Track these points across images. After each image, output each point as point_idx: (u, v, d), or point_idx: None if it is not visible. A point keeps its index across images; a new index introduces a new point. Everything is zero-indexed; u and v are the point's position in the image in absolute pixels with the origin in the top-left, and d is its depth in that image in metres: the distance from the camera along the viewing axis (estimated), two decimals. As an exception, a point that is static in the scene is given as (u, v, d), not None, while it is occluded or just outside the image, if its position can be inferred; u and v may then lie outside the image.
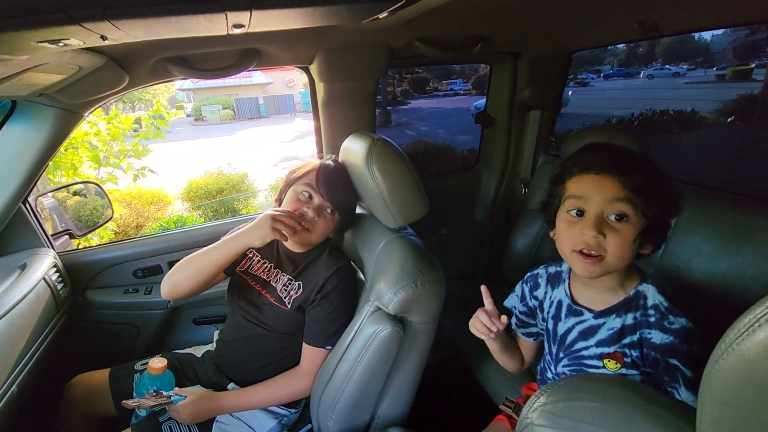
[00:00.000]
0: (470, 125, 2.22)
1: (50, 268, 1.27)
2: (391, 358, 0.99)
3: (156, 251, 1.55)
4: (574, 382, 0.61)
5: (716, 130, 6.83)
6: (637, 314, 0.81)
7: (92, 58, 1.00)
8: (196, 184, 5.13)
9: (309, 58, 1.40)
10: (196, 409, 1.05)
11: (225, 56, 1.28)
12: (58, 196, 1.79)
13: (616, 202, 0.74)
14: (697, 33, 9.85)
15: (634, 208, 0.74)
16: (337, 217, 1.14)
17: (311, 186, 1.11)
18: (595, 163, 0.77)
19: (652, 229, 0.76)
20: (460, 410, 1.57)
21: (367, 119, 1.58)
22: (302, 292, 1.10)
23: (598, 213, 0.75)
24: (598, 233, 0.74)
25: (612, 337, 0.83)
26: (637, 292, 0.81)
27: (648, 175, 0.75)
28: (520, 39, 1.66)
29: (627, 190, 0.74)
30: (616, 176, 0.75)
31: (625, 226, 0.74)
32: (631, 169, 0.75)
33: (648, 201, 0.74)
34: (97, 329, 1.49)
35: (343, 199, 1.13)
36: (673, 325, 0.77)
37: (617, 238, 0.74)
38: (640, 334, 0.80)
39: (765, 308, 0.36)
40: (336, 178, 1.13)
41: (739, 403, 0.39)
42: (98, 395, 1.20)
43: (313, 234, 1.10)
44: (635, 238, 0.75)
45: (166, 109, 3.64)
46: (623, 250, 0.75)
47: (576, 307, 0.89)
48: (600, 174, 0.76)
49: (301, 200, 1.10)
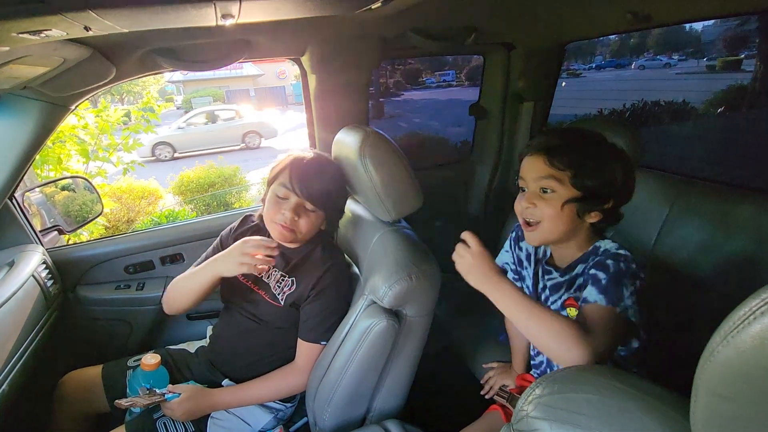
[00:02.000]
0: (463, 117, 2.21)
1: (39, 264, 1.25)
2: (387, 352, 0.99)
3: (147, 246, 1.53)
4: (570, 374, 0.61)
5: (706, 121, 6.90)
6: (590, 260, 0.86)
7: (77, 50, 0.97)
8: (187, 178, 5.06)
9: (301, 49, 1.38)
10: (191, 406, 1.04)
11: (215, 48, 1.25)
12: (46, 191, 1.76)
13: (542, 179, 0.85)
14: (689, 24, 9.88)
15: (560, 183, 0.83)
16: (321, 213, 1.09)
17: (285, 185, 1.05)
18: (531, 145, 0.88)
19: (588, 200, 0.84)
20: (454, 401, 1.58)
21: (360, 111, 1.57)
22: (296, 288, 1.10)
23: (533, 189, 0.87)
24: (528, 204, 0.87)
25: (569, 285, 0.91)
26: (594, 247, 0.88)
27: (578, 155, 0.83)
28: (513, 30, 1.64)
29: (552, 167, 0.84)
30: (543, 156, 0.85)
31: (552, 196, 0.85)
32: (559, 150, 0.84)
33: (577, 176, 0.82)
34: (88, 326, 1.48)
35: (322, 193, 1.06)
36: (608, 259, 0.82)
37: (545, 205, 0.85)
38: (585, 274, 0.85)
39: (760, 300, 0.36)
40: (311, 171, 1.06)
41: (734, 396, 0.39)
42: (91, 392, 1.19)
43: (298, 233, 1.06)
44: (564, 205, 0.84)
45: (157, 102, 3.57)
46: (553, 215, 0.85)
47: (547, 267, 0.98)
48: (532, 155, 0.87)
49: (278, 201, 1.06)
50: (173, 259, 1.57)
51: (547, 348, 0.74)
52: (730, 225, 1.17)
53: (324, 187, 1.06)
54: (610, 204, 0.85)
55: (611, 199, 0.85)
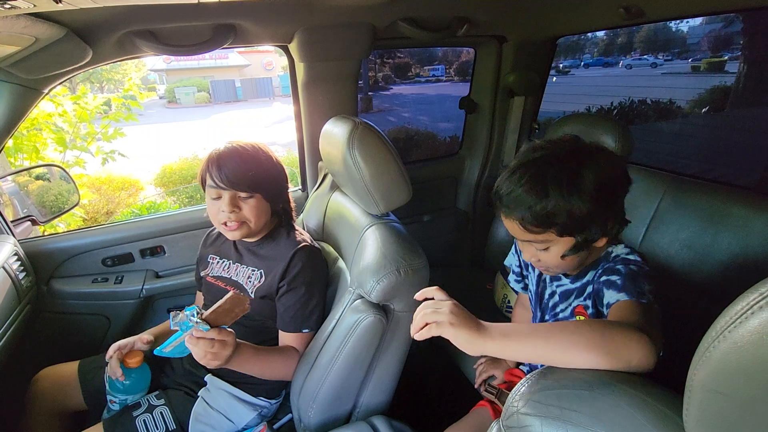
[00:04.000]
0: (453, 112, 2.19)
1: (10, 256, 1.19)
2: (374, 347, 0.98)
3: (127, 238, 1.48)
4: (560, 369, 0.60)
5: (692, 119, 7.04)
6: (600, 267, 0.82)
7: (50, 29, 0.92)
8: (170, 170, 4.96)
9: (288, 36, 1.34)
10: (218, 349, 0.88)
11: (198, 32, 1.20)
12: (19, 180, 1.69)
13: (530, 243, 0.79)
14: (675, 23, 10.03)
15: (548, 240, 0.77)
16: (259, 196, 1.03)
17: (211, 184, 1.01)
18: (502, 203, 0.77)
19: (586, 238, 0.76)
20: (442, 397, 1.58)
21: (348, 102, 1.53)
22: (265, 279, 1.07)
23: (527, 249, 0.82)
24: (534, 260, 0.83)
25: (579, 293, 0.87)
26: (606, 252, 0.84)
27: (552, 211, 0.72)
28: (505, 22, 1.63)
29: (532, 234, 0.76)
30: (517, 222, 0.76)
31: (549, 249, 0.78)
32: (529, 214, 0.74)
33: (562, 231, 0.75)
34: (64, 320, 1.42)
35: (246, 176, 1.00)
36: (618, 264, 0.78)
37: (547, 257, 0.80)
38: (596, 282, 0.81)
39: (758, 295, 0.35)
40: (228, 160, 1.00)
41: (730, 392, 0.38)
42: (67, 389, 1.15)
43: (249, 225, 1.03)
44: (565, 253, 0.78)
45: (139, 89, 3.46)
46: (558, 264, 0.80)
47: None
48: (508, 218, 0.78)
49: (214, 202, 1.03)
50: (153, 252, 1.52)
51: (598, 359, 0.58)
52: (717, 222, 1.19)
53: (246, 169, 1.00)
54: (610, 225, 0.77)
55: (609, 220, 0.77)
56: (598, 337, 0.59)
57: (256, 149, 1.05)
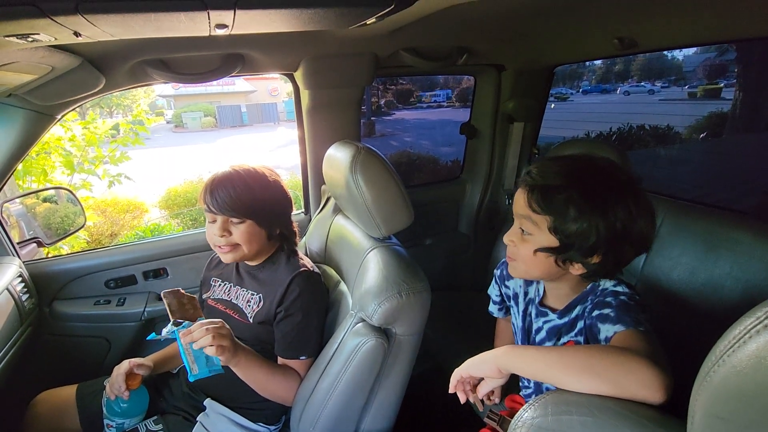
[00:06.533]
0: (454, 137, 2.23)
1: (15, 277, 1.20)
2: (375, 371, 0.97)
3: (130, 260, 1.48)
4: (563, 395, 0.60)
5: (690, 145, 7.12)
6: (589, 301, 0.81)
7: (66, 58, 0.96)
8: (175, 192, 5.00)
9: (294, 64, 1.39)
10: (227, 332, 0.91)
11: (207, 61, 1.25)
12: (27, 202, 1.72)
13: (521, 217, 0.79)
14: (671, 52, 10.29)
15: (536, 227, 0.76)
16: (251, 222, 1.03)
17: (205, 209, 1.03)
18: (522, 176, 0.80)
19: (565, 251, 0.75)
20: (444, 423, 1.54)
21: (352, 128, 1.57)
22: (263, 305, 1.07)
23: (516, 225, 0.81)
24: (508, 240, 0.82)
25: (569, 328, 0.85)
26: (593, 285, 0.82)
27: (564, 199, 0.72)
28: (503, 52, 1.68)
29: (530, 209, 0.76)
30: (525, 194, 0.77)
31: (528, 238, 0.78)
32: (542, 190, 0.74)
33: (556, 224, 0.73)
34: (64, 343, 1.41)
35: (234, 202, 1.00)
36: (607, 297, 0.76)
37: (521, 246, 0.80)
38: (586, 318, 0.79)
39: (755, 319, 0.36)
40: (220, 186, 1.01)
41: (731, 417, 0.38)
42: (64, 413, 1.13)
43: (242, 249, 1.04)
44: (536, 251, 0.77)
45: (147, 115, 3.55)
46: (526, 258, 0.79)
47: (541, 308, 0.91)
48: (523, 189, 0.78)
49: (210, 226, 1.05)
50: (156, 274, 1.52)
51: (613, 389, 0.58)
52: (719, 246, 1.19)
53: (236, 196, 1.00)
54: (595, 259, 0.74)
55: (596, 254, 0.74)
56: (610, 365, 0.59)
57: (249, 174, 1.05)
